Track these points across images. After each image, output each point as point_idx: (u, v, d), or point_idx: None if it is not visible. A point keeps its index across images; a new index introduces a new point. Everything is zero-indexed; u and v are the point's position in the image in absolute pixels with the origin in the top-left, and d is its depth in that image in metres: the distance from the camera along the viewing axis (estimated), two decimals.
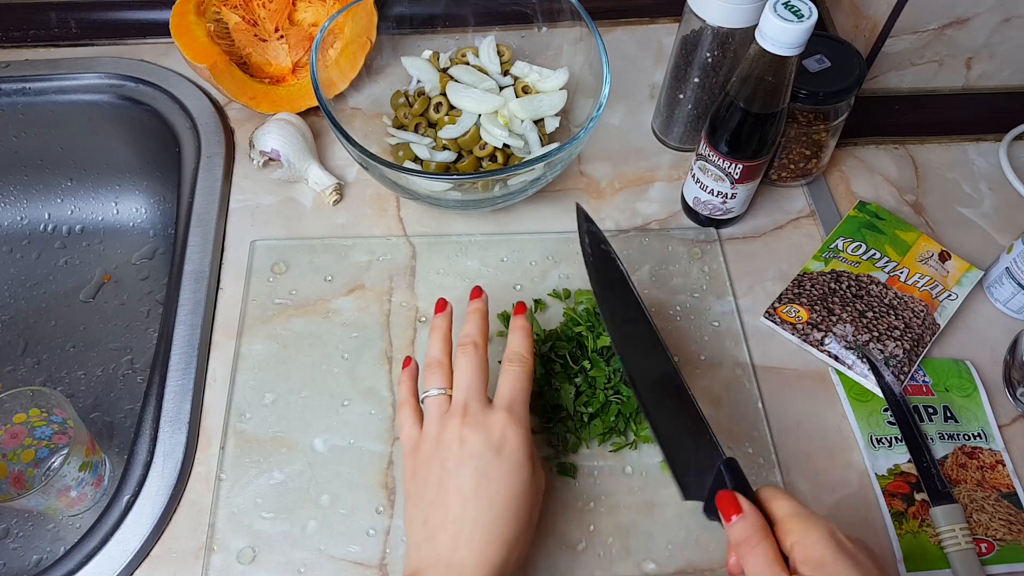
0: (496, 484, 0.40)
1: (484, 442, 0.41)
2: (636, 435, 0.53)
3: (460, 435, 0.42)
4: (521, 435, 0.42)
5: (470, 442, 0.41)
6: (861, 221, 0.64)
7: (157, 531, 0.49)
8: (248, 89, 0.66)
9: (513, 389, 0.44)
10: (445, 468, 0.41)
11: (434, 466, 0.42)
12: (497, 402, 0.44)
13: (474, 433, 0.42)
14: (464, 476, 0.41)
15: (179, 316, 0.57)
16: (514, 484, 0.41)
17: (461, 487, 0.41)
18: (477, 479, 0.40)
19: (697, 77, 0.62)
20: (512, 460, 0.41)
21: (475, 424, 0.42)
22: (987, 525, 0.51)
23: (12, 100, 0.69)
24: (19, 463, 0.58)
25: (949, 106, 0.73)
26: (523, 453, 0.41)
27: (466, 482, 0.41)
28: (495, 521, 0.40)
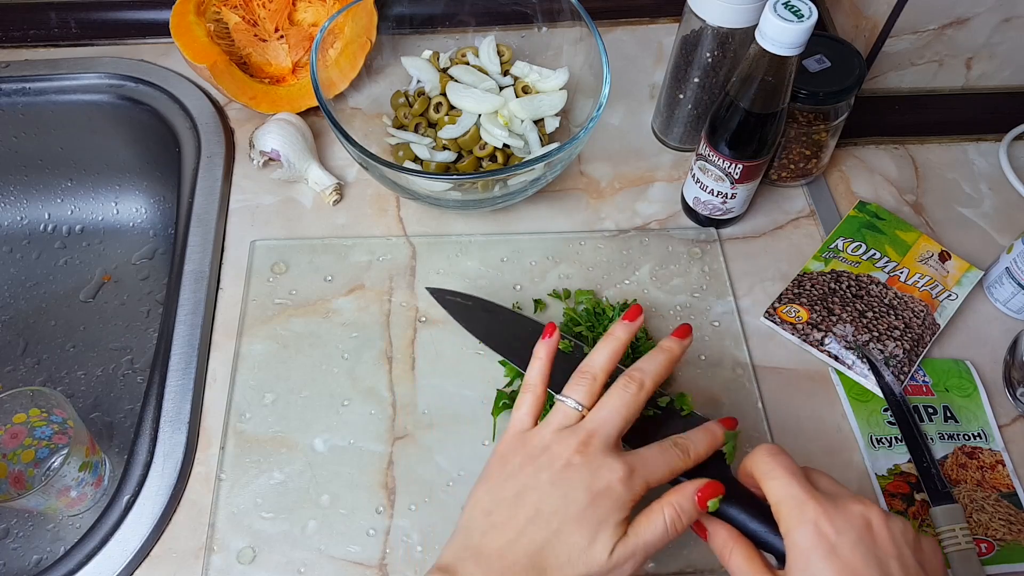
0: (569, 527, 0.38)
1: (584, 482, 0.39)
2: None
3: (568, 460, 0.39)
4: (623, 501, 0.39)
5: (572, 472, 0.39)
6: (861, 221, 0.64)
7: (157, 531, 0.49)
8: (248, 89, 0.66)
9: (654, 460, 0.41)
10: (538, 479, 0.39)
11: (528, 470, 0.40)
12: (626, 455, 0.40)
13: (583, 468, 0.39)
14: (549, 498, 0.39)
15: (179, 316, 0.57)
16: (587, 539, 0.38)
17: (540, 507, 0.39)
18: (555, 507, 0.38)
19: (697, 77, 0.62)
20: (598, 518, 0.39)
21: (589, 460, 0.39)
22: (987, 525, 0.51)
23: (12, 100, 0.69)
24: (19, 463, 0.58)
25: (949, 106, 0.73)
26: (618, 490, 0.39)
27: (546, 505, 0.39)
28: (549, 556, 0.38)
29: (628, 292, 0.60)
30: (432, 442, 0.53)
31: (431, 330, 0.58)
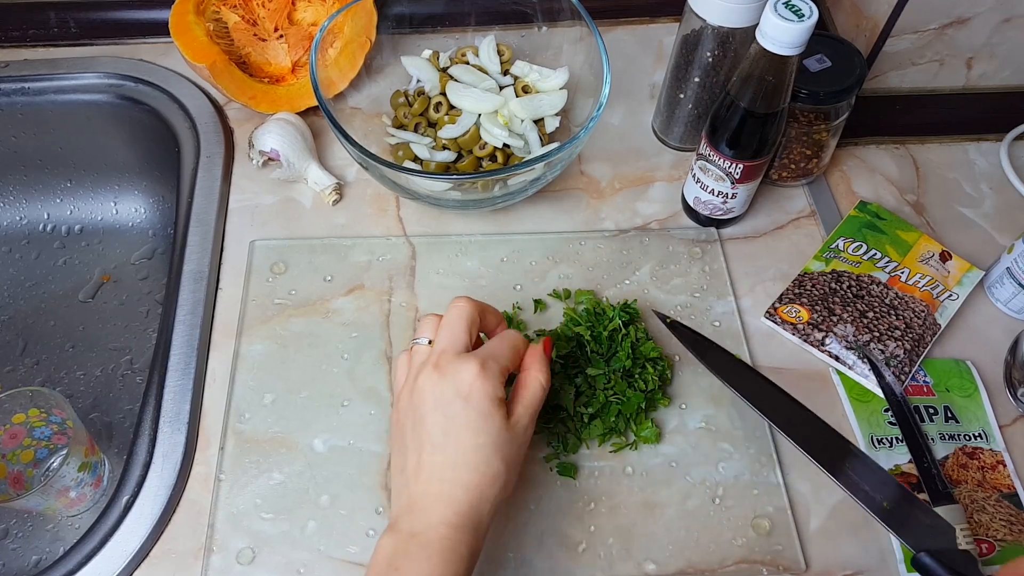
0: (462, 431, 0.41)
1: (452, 390, 0.42)
2: (636, 435, 0.53)
3: (432, 382, 0.42)
4: (489, 386, 0.42)
5: (440, 389, 0.42)
6: (862, 221, 0.64)
7: (156, 531, 0.49)
8: (247, 89, 0.66)
9: (495, 347, 0.45)
10: (418, 415, 0.42)
11: (409, 414, 0.43)
12: (474, 352, 0.44)
13: (443, 380, 0.42)
14: (434, 423, 0.42)
15: (178, 316, 0.57)
16: (481, 431, 0.41)
17: (431, 434, 0.42)
18: (444, 425, 0.42)
19: (697, 77, 0.62)
20: (479, 409, 0.41)
21: (445, 371, 0.42)
22: (988, 525, 0.51)
23: (11, 100, 0.69)
24: (18, 463, 0.58)
25: (950, 106, 0.73)
26: (489, 402, 0.42)
27: (435, 429, 0.42)
28: (462, 466, 0.41)
29: (628, 292, 0.60)
30: None
31: None
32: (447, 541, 0.39)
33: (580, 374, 0.53)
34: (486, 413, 0.42)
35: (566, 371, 0.53)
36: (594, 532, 0.50)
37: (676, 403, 0.55)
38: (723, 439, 0.54)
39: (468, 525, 0.40)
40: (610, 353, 0.54)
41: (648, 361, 0.54)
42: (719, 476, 0.52)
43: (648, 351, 0.54)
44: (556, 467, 0.52)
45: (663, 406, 0.55)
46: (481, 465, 0.41)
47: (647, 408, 0.54)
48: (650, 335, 0.56)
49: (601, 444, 0.53)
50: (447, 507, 0.40)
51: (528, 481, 0.52)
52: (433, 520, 0.40)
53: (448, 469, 0.41)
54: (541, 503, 0.51)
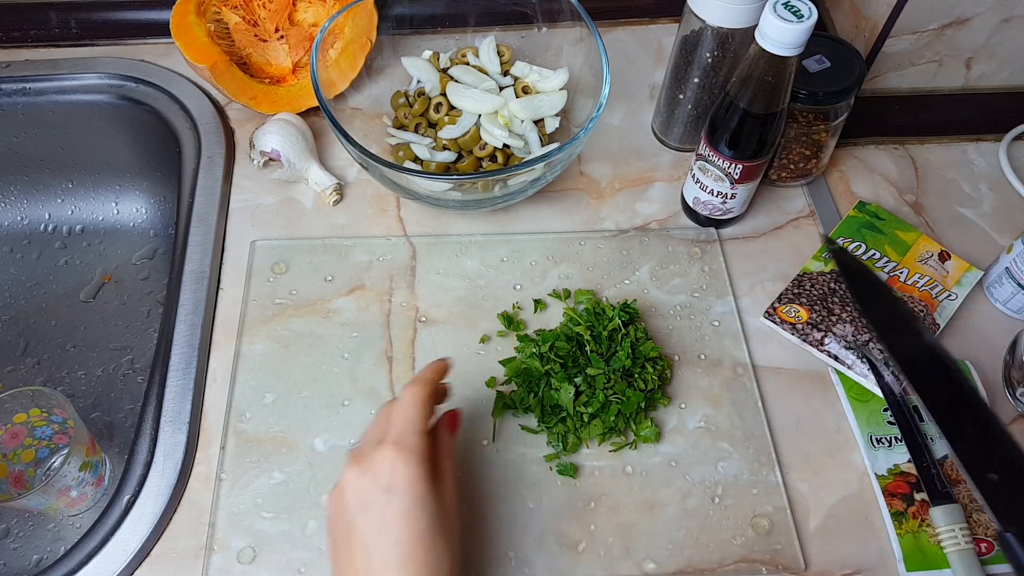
0: (393, 526, 0.37)
1: (373, 485, 0.38)
2: (636, 435, 0.53)
3: (353, 480, 0.39)
4: (412, 466, 0.38)
5: (361, 489, 0.38)
6: (861, 221, 0.64)
7: (157, 531, 0.49)
8: (248, 89, 0.66)
9: (403, 418, 0.40)
10: (345, 520, 0.39)
11: (340, 525, 0.39)
12: (387, 437, 0.40)
13: (362, 478, 0.39)
14: (363, 526, 0.38)
15: (179, 316, 0.57)
16: (415, 518, 0.38)
17: (363, 538, 0.38)
18: (374, 526, 0.37)
19: (697, 77, 0.62)
20: (406, 495, 0.38)
21: (364, 469, 0.39)
22: (987, 525, 0.51)
23: (12, 100, 0.69)
24: (19, 463, 0.58)
25: (949, 106, 0.73)
26: (417, 486, 0.38)
27: (365, 532, 0.38)
28: (406, 561, 0.37)
29: (628, 292, 0.60)
30: None
31: (431, 330, 0.58)
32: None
33: (580, 374, 0.53)
34: (416, 498, 0.38)
35: (566, 371, 0.53)
36: (594, 531, 0.50)
37: (675, 403, 0.55)
38: (722, 438, 0.54)
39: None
40: (610, 353, 0.54)
41: (648, 361, 0.54)
42: (718, 475, 0.52)
43: (648, 351, 0.54)
44: (556, 467, 0.52)
45: (663, 405, 0.55)
46: (422, 554, 0.37)
47: (647, 407, 0.54)
48: (649, 335, 0.56)
49: (601, 444, 0.53)
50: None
51: (528, 481, 0.52)
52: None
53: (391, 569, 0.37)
54: (541, 502, 0.51)
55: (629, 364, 0.53)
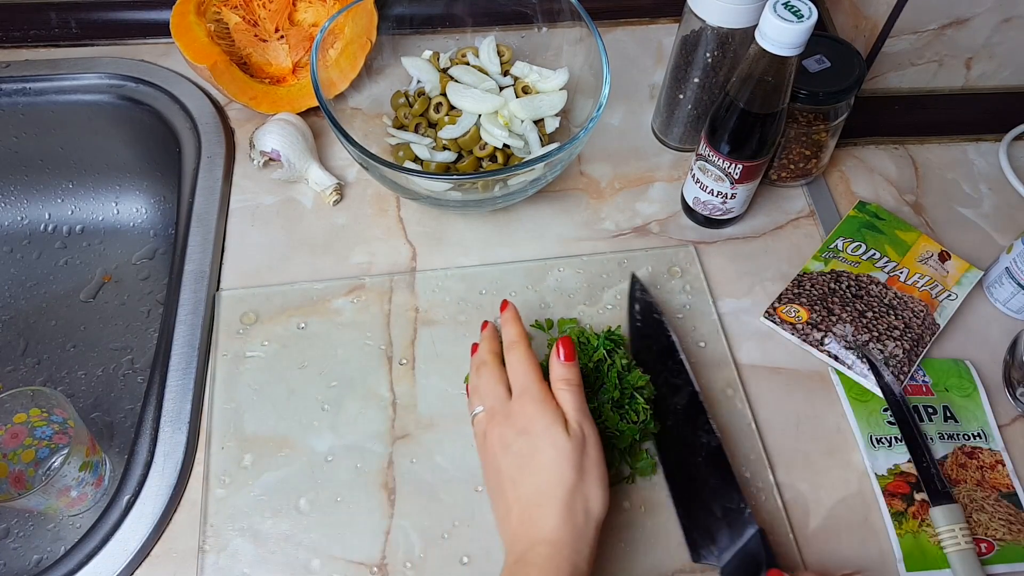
0: (531, 460, 0.44)
1: (512, 431, 0.45)
2: (632, 468, 0.52)
3: (496, 433, 0.46)
4: (538, 409, 0.45)
5: (502, 435, 0.46)
6: (861, 221, 0.64)
7: (157, 531, 0.49)
8: (248, 89, 0.66)
9: (522, 374, 0.47)
10: (495, 466, 0.46)
11: (491, 470, 0.47)
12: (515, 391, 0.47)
13: (503, 427, 0.46)
14: (509, 466, 0.45)
15: (179, 316, 0.57)
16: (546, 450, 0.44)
17: (511, 475, 0.45)
18: (517, 463, 0.45)
19: (697, 77, 0.62)
20: (538, 434, 0.44)
21: (503, 420, 0.46)
22: (987, 525, 0.51)
23: (12, 100, 0.69)
24: (19, 463, 0.58)
25: (949, 106, 0.73)
26: (543, 424, 0.45)
27: (511, 470, 0.45)
28: (543, 488, 0.43)
29: (626, 291, 0.60)
30: (432, 442, 0.53)
31: (431, 330, 0.58)
32: (545, 557, 0.41)
33: None
34: (543, 433, 0.44)
35: None
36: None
37: None
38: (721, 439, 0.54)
39: (565, 540, 0.42)
40: (597, 385, 0.52)
41: (636, 390, 0.52)
42: None
43: (635, 380, 0.52)
44: None
45: (654, 431, 0.53)
46: (557, 479, 0.43)
47: (641, 439, 0.52)
48: (635, 363, 0.54)
49: None
50: (539, 530, 0.42)
51: None
52: (530, 544, 0.42)
53: (533, 497, 0.43)
54: None
55: (617, 395, 0.51)
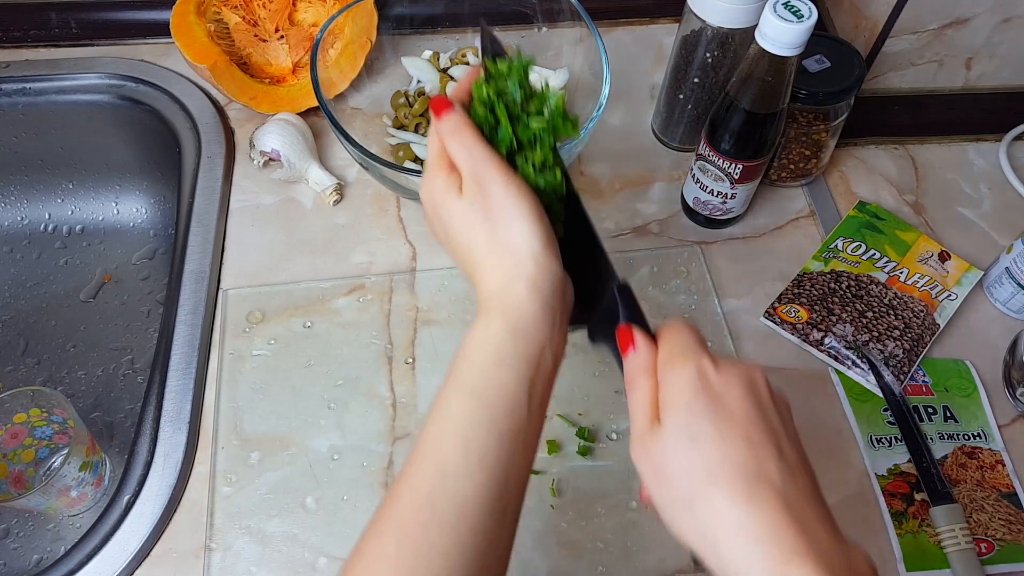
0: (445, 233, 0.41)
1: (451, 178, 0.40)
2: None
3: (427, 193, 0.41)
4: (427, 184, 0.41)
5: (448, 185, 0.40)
6: (861, 221, 0.64)
7: (157, 531, 0.49)
8: (248, 89, 0.66)
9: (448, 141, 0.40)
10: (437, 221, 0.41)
11: (437, 223, 0.41)
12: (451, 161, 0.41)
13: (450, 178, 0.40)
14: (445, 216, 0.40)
15: (179, 316, 0.57)
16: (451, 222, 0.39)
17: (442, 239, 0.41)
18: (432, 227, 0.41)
19: (697, 77, 0.62)
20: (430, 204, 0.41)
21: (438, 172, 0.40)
22: (987, 525, 0.51)
23: (12, 100, 0.69)
24: (19, 463, 0.58)
25: (949, 106, 0.73)
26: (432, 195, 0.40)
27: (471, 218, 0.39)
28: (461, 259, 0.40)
29: None
30: None
31: (431, 330, 0.58)
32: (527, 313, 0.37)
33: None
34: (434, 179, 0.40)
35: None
36: (594, 531, 0.50)
37: None
38: None
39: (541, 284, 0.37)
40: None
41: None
42: None
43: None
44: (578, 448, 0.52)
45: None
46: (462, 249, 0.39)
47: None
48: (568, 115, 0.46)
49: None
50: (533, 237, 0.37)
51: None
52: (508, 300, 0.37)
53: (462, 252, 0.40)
54: (542, 502, 0.51)
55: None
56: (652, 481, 0.33)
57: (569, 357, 0.56)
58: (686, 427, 0.32)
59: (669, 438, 0.33)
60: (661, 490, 0.33)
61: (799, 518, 0.30)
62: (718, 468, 0.31)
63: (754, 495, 0.30)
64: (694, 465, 0.32)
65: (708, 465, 0.31)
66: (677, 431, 0.32)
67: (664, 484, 0.33)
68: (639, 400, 0.35)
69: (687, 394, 0.33)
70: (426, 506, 0.32)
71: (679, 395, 0.33)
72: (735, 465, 0.31)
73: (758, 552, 0.30)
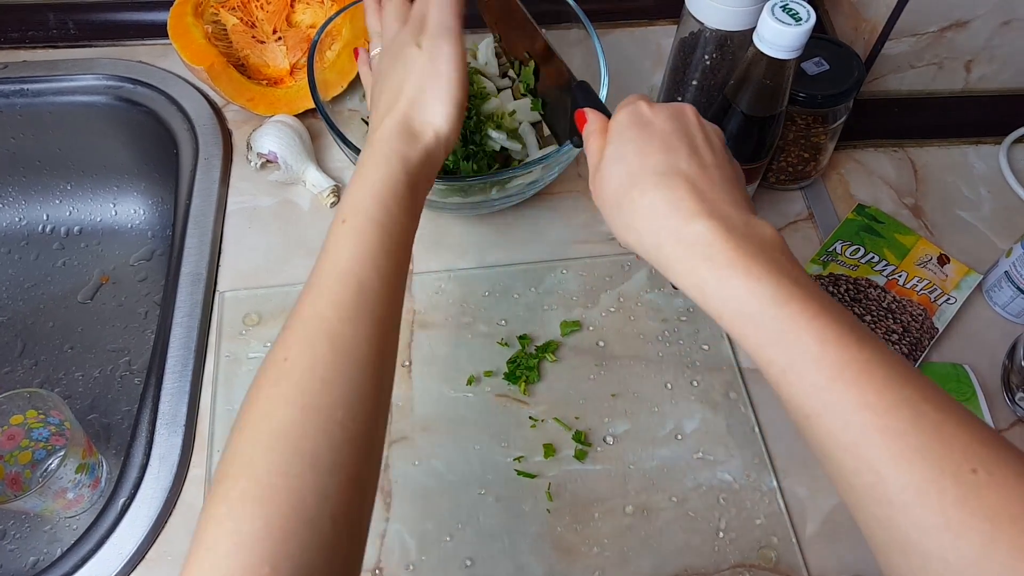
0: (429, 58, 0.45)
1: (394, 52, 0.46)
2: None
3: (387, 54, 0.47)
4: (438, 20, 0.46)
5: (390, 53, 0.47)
6: (859, 224, 0.64)
7: (153, 534, 0.49)
8: (246, 91, 0.66)
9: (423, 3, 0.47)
10: (393, 56, 0.47)
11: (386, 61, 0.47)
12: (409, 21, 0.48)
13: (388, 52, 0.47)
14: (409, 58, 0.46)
15: (176, 318, 0.57)
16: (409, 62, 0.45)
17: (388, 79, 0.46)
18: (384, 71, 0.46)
19: (695, 80, 0.62)
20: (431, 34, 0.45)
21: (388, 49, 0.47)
22: None
23: (10, 101, 0.69)
24: (16, 465, 0.58)
25: (948, 109, 0.72)
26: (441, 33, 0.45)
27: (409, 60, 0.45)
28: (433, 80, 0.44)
29: (626, 294, 0.60)
30: (429, 445, 0.53)
31: (428, 333, 0.58)
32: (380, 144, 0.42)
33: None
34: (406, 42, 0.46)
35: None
36: (589, 535, 0.50)
37: (670, 407, 0.55)
38: (717, 443, 0.54)
39: (403, 130, 0.43)
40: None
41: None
42: (714, 480, 0.52)
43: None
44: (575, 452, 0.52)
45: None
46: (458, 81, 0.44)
47: None
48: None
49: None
50: (381, 117, 0.44)
51: (521, 483, 0.52)
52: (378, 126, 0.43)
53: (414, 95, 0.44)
54: (538, 506, 0.51)
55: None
56: (599, 203, 0.40)
57: (565, 361, 0.57)
58: (616, 151, 0.40)
59: (604, 166, 0.40)
60: (603, 207, 0.40)
61: (704, 197, 0.37)
62: (637, 172, 0.38)
63: (662, 183, 0.37)
64: (620, 178, 0.39)
65: (630, 173, 0.38)
66: (609, 158, 0.40)
67: (603, 202, 0.40)
68: (591, 151, 0.42)
69: (620, 127, 0.40)
70: (350, 319, 0.36)
71: (614, 132, 0.40)
72: (649, 167, 0.38)
73: (666, 224, 0.36)
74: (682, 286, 0.37)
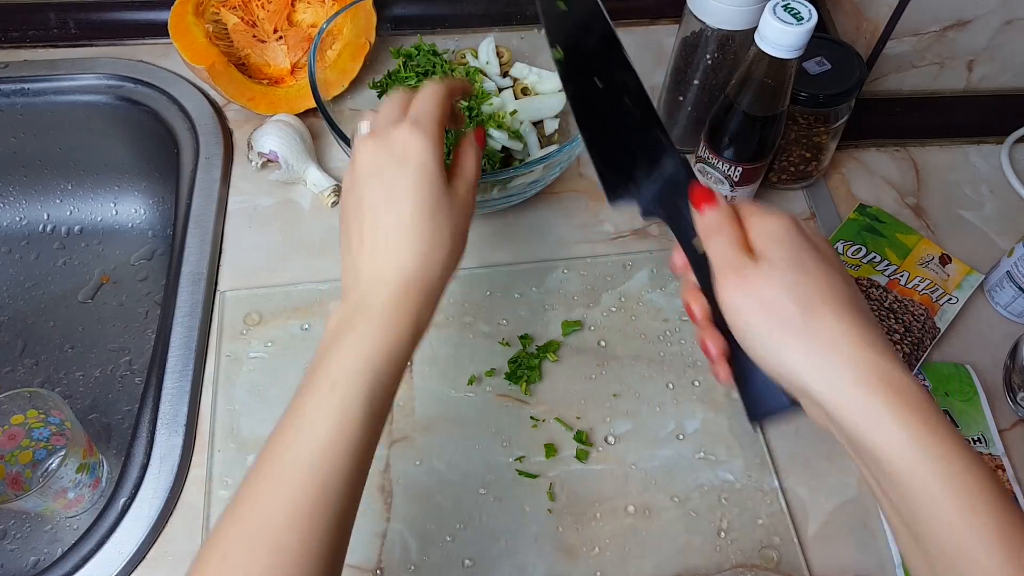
0: (404, 194, 0.39)
1: (387, 155, 0.40)
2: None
3: (368, 150, 0.41)
4: (424, 144, 0.40)
5: (375, 158, 0.40)
6: (861, 224, 0.64)
7: (154, 534, 0.49)
8: (246, 90, 0.66)
9: (423, 105, 0.42)
10: (360, 192, 0.41)
11: (352, 195, 0.41)
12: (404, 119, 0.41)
13: (377, 149, 0.40)
14: (374, 193, 0.40)
15: (176, 318, 0.57)
16: (423, 193, 0.39)
17: (373, 203, 0.40)
18: (386, 191, 0.39)
19: (697, 79, 0.62)
20: (418, 167, 0.39)
21: (381, 142, 0.41)
22: None
23: (11, 101, 0.69)
24: (16, 464, 0.58)
25: (950, 109, 0.72)
26: (430, 163, 0.40)
27: (377, 197, 0.40)
28: (408, 229, 0.39)
29: (628, 293, 0.60)
30: (429, 445, 0.53)
31: (429, 332, 0.57)
32: (390, 305, 0.38)
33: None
34: (427, 174, 0.39)
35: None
36: (591, 535, 0.50)
37: (672, 407, 0.55)
38: (719, 443, 0.54)
39: (415, 290, 0.39)
40: None
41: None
42: (716, 480, 0.52)
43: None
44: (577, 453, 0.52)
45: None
46: (427, 225, 0.39)
47: None
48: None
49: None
50: (393, 273, 0.39)
51: (523, 483, 0.52)
52: (378, 287, 0.38)
53: (392, 233, 0.39)
54: (539, 507, 0.51)
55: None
56: (753, 309, 0.35)
57: (566, 361, 0.57)
58: (795, 259, 0.36)
59: (778, 268, 0.35)
60: (765, 316, 0.35)
61: (885, 341, 0.35)
62: (828, 292, 0.35)
63: (857, 317, 0.35)
64: (805, 290, 0.35)
65: (819, 290, 0.35)
66: (785, 263, 0.35)
67: (769, 310, 0.35)
68: (726, 242, 0.37)
69: (791, 234, 0.36)
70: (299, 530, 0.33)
71: (784, 234, 0.36)
72: (839, 292, 0.35)
73: (865, 356, 0.33)
74: (837, 415, 0.34)
